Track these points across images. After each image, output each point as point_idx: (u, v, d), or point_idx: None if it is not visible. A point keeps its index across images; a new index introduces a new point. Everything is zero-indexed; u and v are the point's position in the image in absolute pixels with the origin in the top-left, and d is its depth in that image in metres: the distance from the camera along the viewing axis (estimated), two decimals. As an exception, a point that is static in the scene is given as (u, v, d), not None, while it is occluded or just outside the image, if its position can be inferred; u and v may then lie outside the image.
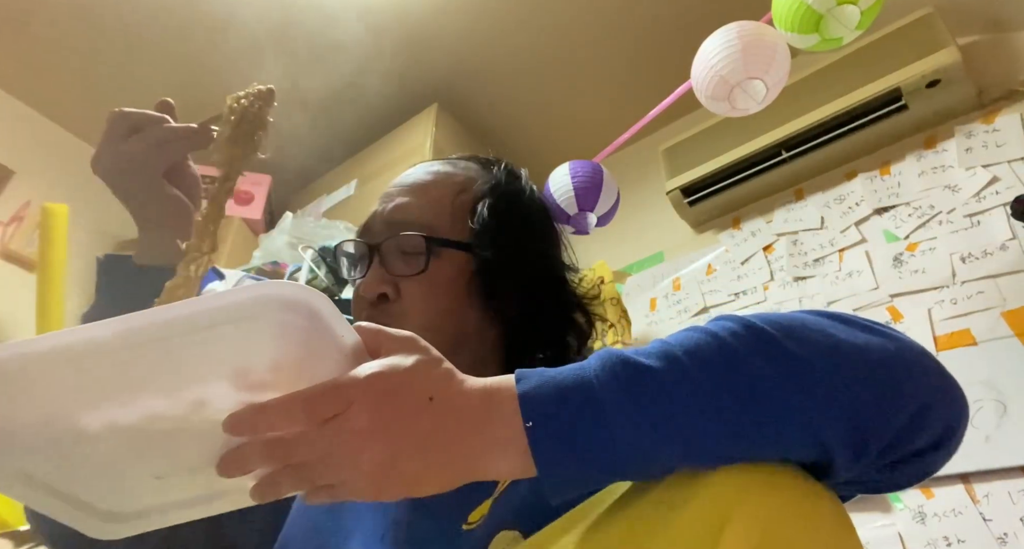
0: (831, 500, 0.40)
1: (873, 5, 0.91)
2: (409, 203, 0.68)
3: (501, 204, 0.69)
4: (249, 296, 0.33)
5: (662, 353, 0.39)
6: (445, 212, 0.67)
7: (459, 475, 0.38)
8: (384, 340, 0.40)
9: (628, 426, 0.37)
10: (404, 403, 0.37)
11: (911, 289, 1.43)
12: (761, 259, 1.72)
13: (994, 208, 1.39)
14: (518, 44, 1.96)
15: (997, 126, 1.47)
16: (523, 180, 0.77)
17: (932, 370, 0.43)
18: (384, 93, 2.08)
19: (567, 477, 0.37)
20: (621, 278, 1.97)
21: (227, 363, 0.34)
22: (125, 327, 0.32)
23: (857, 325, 0.42)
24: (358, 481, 0.36)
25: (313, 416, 0.35)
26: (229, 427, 0.34)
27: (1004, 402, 1.22)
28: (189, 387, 0.33)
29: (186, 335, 0.33)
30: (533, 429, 0.37)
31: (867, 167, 1.63)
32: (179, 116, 0.65)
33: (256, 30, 1.87)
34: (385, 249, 0.65)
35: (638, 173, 2.08)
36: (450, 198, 0.68)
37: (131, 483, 0.38)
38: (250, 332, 0.34)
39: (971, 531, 1.15)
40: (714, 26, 1.03)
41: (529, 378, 0.39)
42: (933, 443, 0.42)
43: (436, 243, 0.64)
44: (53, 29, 1.84)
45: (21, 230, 1.86)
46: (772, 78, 0.99)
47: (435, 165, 0.74)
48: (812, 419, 0.38)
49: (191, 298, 0.37)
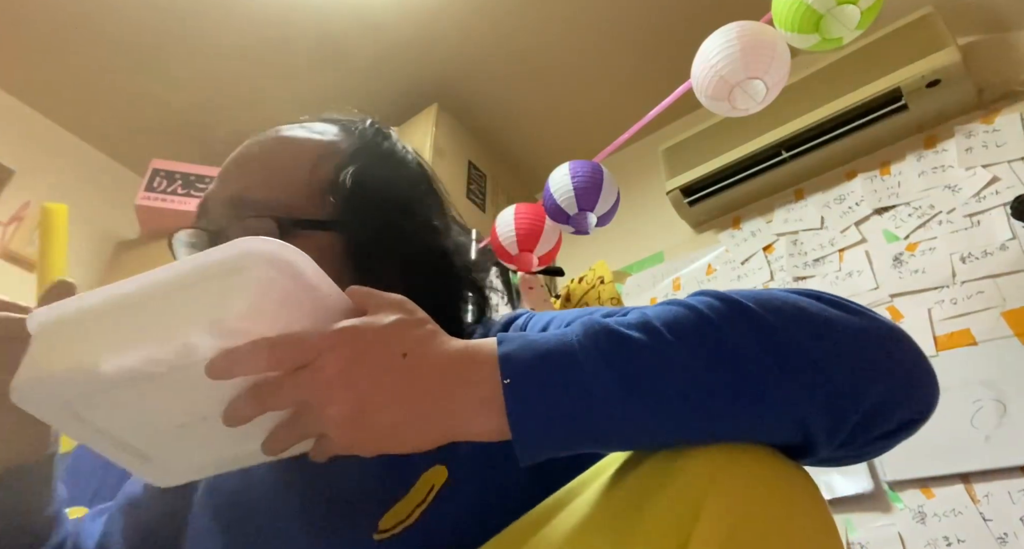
0: (806, 482, 0.39)
1: (873, 5, 0.91)
2: (254, 180, 0.58)
3: (366, 171, 0.60)
4: (236, 251, 0.37)
5: (642, 325, 0.39)
6: (299, 186, 0.58)
7: (436, 432, 0.37)
8: (373, 301, 0.41)
9: (606, 392, 0.37)
10: (375, 357, 0.37)
11: (911, 289, 1.43)
12: (761, 259, 1.72)
13: (994, 208, 1.39)
14: (518, 44, 1.96)
15: (997, 126, 1.47)
16: (392, 139, 0.67)
17: (905, 348, 0.42)
18: (384, 93, 2.08)
19: (540, 437, 0.37)
20: (621, 278, 1.97)
21: (208, 311, 0.36)
22: (141, 283, 0.38)
23: (830, 302, 0.42)
24: (333, 431, 0.37)
25: (277, 359, 0.36)
26: (208, 371, 0.35)
27: (1004, 402, 1.22)
28: (176, 334, 0.36)
29: (177, 289, 0.38)
30: (510, 386, 0.37)
31: (867, 167, 1.63)
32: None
33: (256, 31, 1.87)
34: (229, 237, 0.54)
35: (638, 173, 2.08)
36: (306, 169, 0.59)
37: (162, 431, 0.41)
38: (233, 283, 0.37)
39: (971, 531, 1.15)
40: (714, 26, 1.03)
41: (511, 341, 0.39)
42: (905, 422, 0.42)
43: (291, 225, 0.54)
44: (53, 29, 1.84)
45: (21, 230, 1.86)
46: (772, 78, 0.99)
47: (283, 131, 0.63)
48: (789, 391, 0.37)
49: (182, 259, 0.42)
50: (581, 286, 1.85)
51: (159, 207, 1.97)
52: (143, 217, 2.00)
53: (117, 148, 2.21)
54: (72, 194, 2.03)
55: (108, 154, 2.22)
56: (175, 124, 2.11)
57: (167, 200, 1.98)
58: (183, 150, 2.12)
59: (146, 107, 2.07)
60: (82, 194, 2.09)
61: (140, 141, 2.15)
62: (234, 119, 2.09)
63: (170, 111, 2.08)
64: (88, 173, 2.16)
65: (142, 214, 1.99)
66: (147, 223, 2.01)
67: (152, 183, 1.99)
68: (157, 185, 2.00)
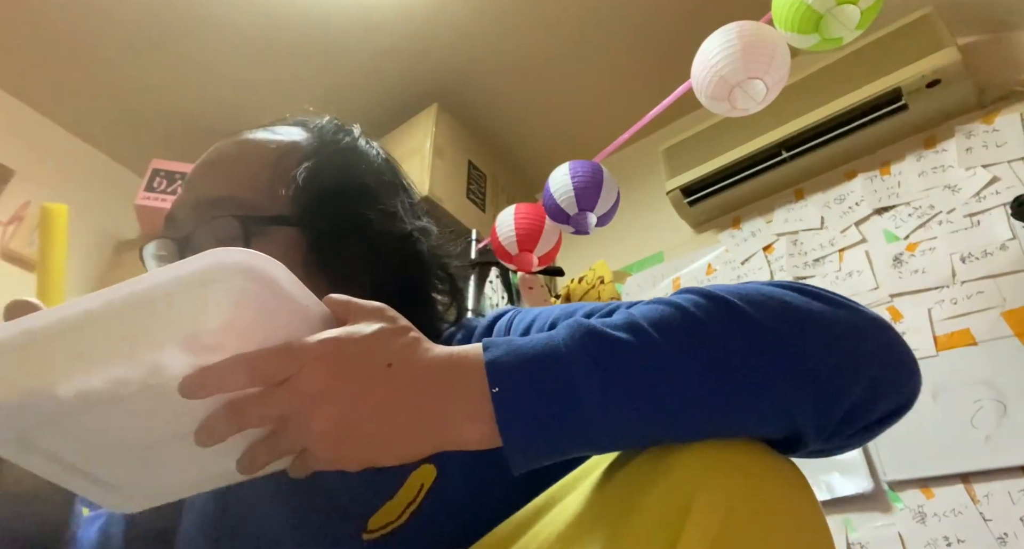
0: (795, 475, 0.39)
1: (873, 5, 0.91)
2: (218, 182, 0.59)
3: (324, 166, 0.61)
4: (208, 261, 0.34)
5: (628, 325, 0.39)
6: (262, 185, 0.59)
7: (425, 443, 0.37)
8: (353, 310, 0.40)
9: (595, 394, 0.36)
10: (359, 368, 0.36)
11: (911, 289, 1.43)
12: (761, 259, 1.72)
13: (994, 208, 1.39)
14: (518, 44, 1.96)
15: (997, 126, 1.47)
16: (353, 134, 0.68)
17: (889, 338, 0.43)
18: (384, 93, 2.08)
19: (531, 444, 0.37)
20: (621, 278, 1.97)
21: (180, 327, 0.34)
22: (106, 299, 0.35)
23: (813, 294, 0.42)
24: (316, 445, 0.36)
25: (257, 375, 0.35)
26: (181, 390, 0.34)
27: (1004, 402, 1.22)
28: (145, 352, 0.34)
29: (144, 304, 0.34)
30: (499, 394, 0.36)
31: (867, 167, 1.63)
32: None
33: (256, 31, 1.87)
34: (196, 240, 0.56)
35: (638, 173, 2.08)
36: (268, 168, 0.60)
37: (129, 455, 0.39)
38: (206, 296, 0.34)
39: (971, 531, 1.15)
40: (714, 26, 1.03)
41: (497, 346, 0.39)
42: (890, 412, 0.42)
43: (254, 223, 0.56)
44: (53, 29, 1.84)
45: (21, 230, 1.86)
46: (772, 78, 0.99)
47: (247, 134, 0.65)
48: (777, 386, 0.37)
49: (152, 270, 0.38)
50: (581, 286, 1.85)
51: (159, 207, 1.97)
52: (143, 217, 1.99)
53: (117, 148, 2.21)
54: (72, 194, 2.03)
55: (108, 154, 2.22)
56: (175, 124, 2.11)
57: (167, 200, 1.98)
58: (183, 150, 2.12)
59: (146, 108, 2.07)
60: (82, 194, 2.09)
61: (140, 141, 2.15)
62: (234, 119, 2.09)
63: (170, 111, 2.08)
64: (88, 173, 2.16)
65: (142, 214, 1.99)
66: (147, 223, 2.01)
67: (152, 183, 2.00)
68: (157, 185, 2.00)
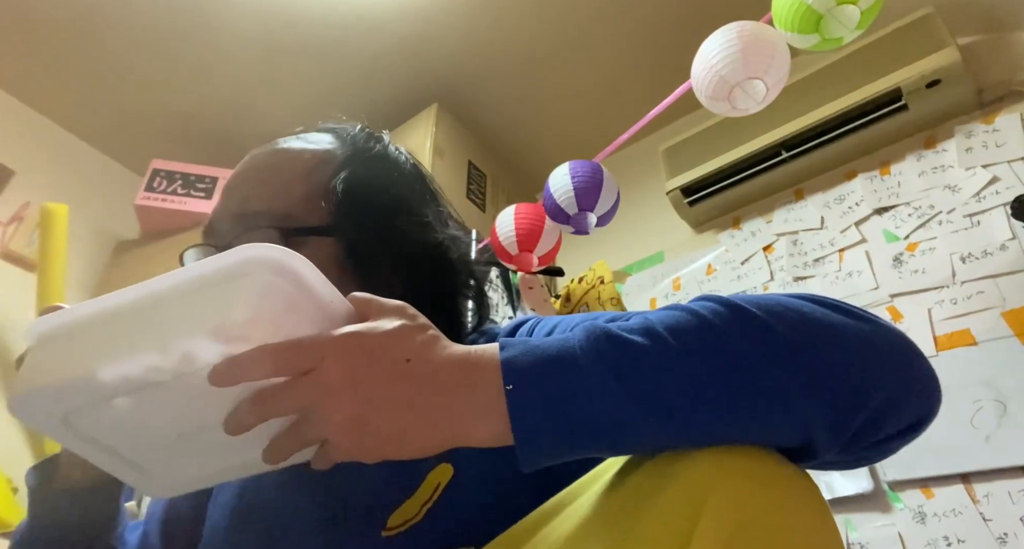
0: (807, 484, 0.39)
1: (873, 5, 0.90)
2: (256, 193, 0.61)
3: (358, 176, 0.62)
4: (239, 257, 0.38)
5: (645, 329, 0.39)
6: (298, 196, 0.60)
7: (439, 438, 0.38)
8: (375, 307, 0.42)
9: (608, 397, 0.37)
10: (379, 363, 0.37)
11: (911, 289, 1.43)
12: (761, 259, 1.72)
13: (994, 208, 1.39)
14: (518, 44, 1.96)
15: (997, 126, 1.47)
16: (384, 142, 0.69)
17: (908, 353, 0.42)
18: (384, 93, 2.08)
19: (543, 443, 0.37)
20: (621, 278, 1.97)
21: (211, 318, 0.36)
22: (143, 291, 0.38)
23: (833, 307, 0.42)
24: (336, 437, 0.37)
25: (281, 365, 0.36)
26: (210, 377, 0.35)
27: (1004, 402, 1.22)
28: (178, 341, 0.36)
29: (181, 296, 0.38)
30: (513, 392, 0.37)
31: (867, 167, 1.63)
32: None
33: (256, 31, 1.87)
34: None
35: (638, 173, 2.08)
36: (302, 179, 0.61)
37: (161, 442, 0.41)
38: (236, 289, 0.37)
39: (971, 531, 1.15)
40: (714, 26, 1.03)
41: (513, 346, 0.40)
42: (905, 428, 0.42)
43: (292, 233, 0.57)
44: (53, 29, 1.84)
45: (21, 230, 1.86)
46: (772, 78, 0.99)
47: (281, 144, 0.66)
48: (793, 395, 0.37)
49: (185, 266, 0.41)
50: (581, 286, 1.85)
51: (159, 207, 1.97)
52: (143, 217, 2.00)
53: (117, 148, 2.21)
54: (72, 194, 2.02)
55: (108, 154, 2.22)
56: (175, 124, 2.11)
57: (167, 200, 1.98)
58: (183, 150, 2.12)
59: (146, 107, 2.07)
60: (82, 194, 2.09)
61: (140, 141, 2.15)
62: (234, 119, 2.10)
63: (170, 111, 2.08)
64: (88, 173, 2.16)
65: (142, 214, 1.99)
66: (147, 223, 2.01)
67: (152, 183, 1.99)
68: (157, 185, 2.00)
